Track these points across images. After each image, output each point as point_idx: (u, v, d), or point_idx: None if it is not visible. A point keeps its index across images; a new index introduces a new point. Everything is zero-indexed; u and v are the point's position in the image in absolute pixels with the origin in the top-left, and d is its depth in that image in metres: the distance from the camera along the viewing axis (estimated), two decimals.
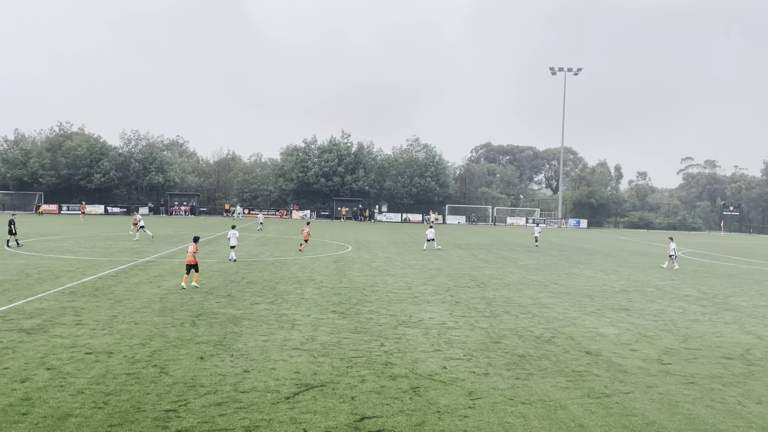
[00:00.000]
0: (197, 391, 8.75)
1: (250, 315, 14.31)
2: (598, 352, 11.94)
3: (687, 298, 19.58)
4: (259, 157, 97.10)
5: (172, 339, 11.74)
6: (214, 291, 17.62)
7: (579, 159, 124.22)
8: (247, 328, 12.95)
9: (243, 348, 11.24)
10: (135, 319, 13.39)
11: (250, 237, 40.86)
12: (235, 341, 11.74)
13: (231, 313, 14.42)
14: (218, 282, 19.41)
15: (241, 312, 14.64)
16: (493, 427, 7.80)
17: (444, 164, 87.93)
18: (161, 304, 15.34)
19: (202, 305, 15.33)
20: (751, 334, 14.25)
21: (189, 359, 10.37)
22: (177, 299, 16.04)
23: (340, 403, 8.46)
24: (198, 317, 13.86)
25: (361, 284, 20.05)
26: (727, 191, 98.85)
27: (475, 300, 17.73)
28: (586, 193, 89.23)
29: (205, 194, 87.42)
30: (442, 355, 11.25)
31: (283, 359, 10.57)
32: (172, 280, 19.37)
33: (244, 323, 13.39)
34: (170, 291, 17.31)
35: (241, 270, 22.65)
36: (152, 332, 12.24)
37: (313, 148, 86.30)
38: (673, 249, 29.47)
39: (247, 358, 10.59)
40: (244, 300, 16.30)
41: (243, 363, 10.26)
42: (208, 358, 10.46)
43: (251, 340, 11.84)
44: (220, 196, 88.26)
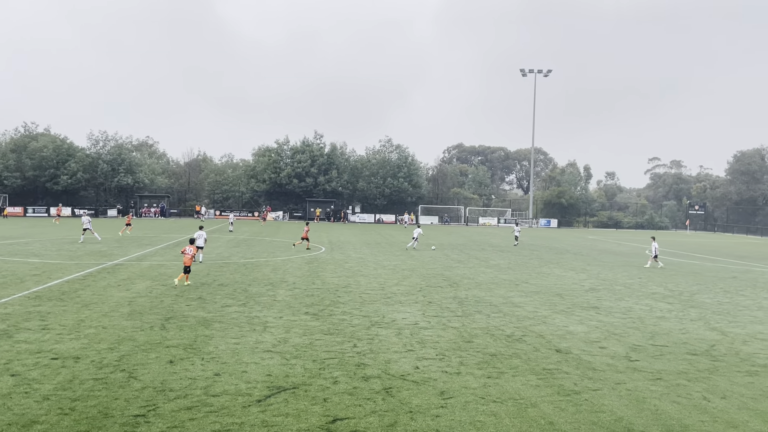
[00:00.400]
0: (167, 396, 8.64)
1: (221, 318, 14.18)
2: (567, 350, 12.11)
3: (654, 296, 19.97)
4: (231, 158, 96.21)
5: (141, 343, 11.56)
6: (184, 294, 17.41)
7: (549, 159, 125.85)
8: (218, 331, 12.82)
9: (214, 351, 11.13)
10: (103, 324, 13.16)
11: (221, 239, 40.48)
12: (206, 344, 11.62)
13: (201, 316, 14.26)
14: (189, 285, 19.16)
15: (212, 315, 14.49)
16: (465, 426, 7.86)
17: (416, 165, 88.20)
18: (130, 307, 15.10)
19: (172, 308, 15.12)
20: (715, 331, 14.59)
21: (158, 363, 10.23)
22: (146, 303, 15.81)
23: (313, 405, 8.43)
24: (168, 320, 13.67)
25: (334, 285, 20.01)
26: (693, 191, 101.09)
27: (448, 300, 17.83)
28: (556, 193, 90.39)
29: (175, 196, 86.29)
30: (415, 355, 11.29)
31: (254, 362, 10.49)
32: (141, 284, 19.08)
33: (215, 326, 13.25)
34: (139, 294, 17.05)
35: (212, 272, 22.42)
36: (120, 336, 12.04)
37: (286, 148, 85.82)
38: (655, 248, 30.14)
39: (218, 361, 10.49)
40: (215, 302, 16.14)
41: (214, 366, 10.15)
42: (178, 362, 10.33)
43: (222, 343, 11.72)
44: (191, 197, 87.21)
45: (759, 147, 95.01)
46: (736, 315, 16.86)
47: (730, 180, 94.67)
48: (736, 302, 19.20)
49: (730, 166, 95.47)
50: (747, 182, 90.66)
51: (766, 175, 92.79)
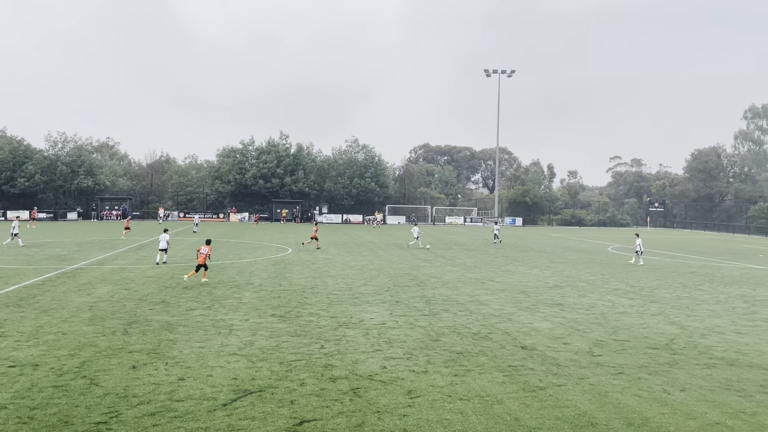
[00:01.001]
0: (130, 402, 8.47)
1: (186, 321, 13.96)
2: (532, 347, 12.28)
3: (616, 292, 20.40)
4: (195, 159, 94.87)
5: (103, 349, 11.31)
6: (147, 297, 17.09)
7: (514, 159, 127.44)
8: (183, 334, 12.63)
9: (178, 355, 10.96)
10: (63, 329, 12.83)
11: (185, 241, 39.86)
12: (170, 349, 11.43)
13: (165, 320, 14.02)
14: (152, 288, 18.84)
15: (176, 318, 14.26)
16: (432, 424, 7.90)
17: (383, 165, 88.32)
18: (91, 312, 14.76)
19: (134, 312, 14.84)
20: (675, 325, 14.97)
21: (121, 369, 10.02)
22: (108, 307, 15.47)
23: (279, 408, 8.37)
24: (130, 325, 13.41)
25: (301, 286, 19.90)
26: (653, 188, 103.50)
27: (415, 299, 17.90)
28: (520, 192, 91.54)
29: (137, 198, 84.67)
30: (382, 355, 11.30)
31: (220, 365, 10.36)
32: (102, 288, 18.67)
33: (179, 330, 13.05)
34: (100, 299, 16.68)
35: (176, 275, 22.06)
36: (81, 342, 11.76)
37: (251, 149, 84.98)
38: (638, 245, 30.85)
39: (183, 365, 10.33)
40: (179, 306, 15.88)
41: (178, 371, 9.99)
42: (141, 367, 10.14)
43: (187, 347, 11.55)
44: (153, 199, 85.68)
45: (715, 145, 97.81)
46: (695, 309, 17.34)
47: (688, 178, 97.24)
48: (694, 297, 19.74)
49: (687, 164, 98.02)
50: (704, 180, 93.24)
51: (722, 172, 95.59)
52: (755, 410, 8.73)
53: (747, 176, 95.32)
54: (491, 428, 7.81)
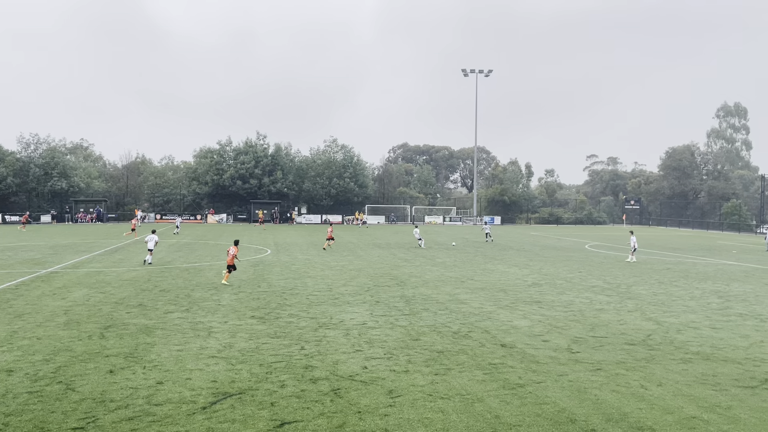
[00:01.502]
0: (107, 407, 8.35)
1: (164, 324, 13.81)
2: (512, 345, 12.36)
3: (593, 289, 20.63)
4: (171, 160, 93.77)
5: (79, 353, 11.14)
6: (124, 301, 16.87)
7: (492, 158, 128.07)
8: (161, 338, 12.48)
9: (156, 359, 10.83)
10: (37, 334, 12.60)
11: (162, 243, 39.38)
12: (148, 352, 11.29)
13: (143, 324, 13.85)
14: (129, 291, 18.59)
15: (154, 322, 14.09)
16: (413, 423, 7.91)
17: (362, 165, 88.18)
18: (66, 317, 14.52)
19: (111, 316, 14.63)
20: (651, 321, 15.19)
21: (97, 373, 9.88)
22: (83, 311, 15.23)
23: (260, 410, 8.31)
24: (107, 329, 13.22)
25: (280, 288, 19.80)
26: (628, 186, 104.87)
27: (395, 299, 17.91)
28: (499, 190, 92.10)
29: (113, 200, 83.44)
30: (363, 355, 11.29)
31: (199, 368, 10.26)
32: (77, 292, 18.37)
33: (157, 333, 12.90)
34: (76, 303, 16.42)
35: (154, 278, 21.81)
36: (57, 347, 11.56)
37: (228, 150, 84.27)
38: (633, 242, 31.38)
39: (161, 369, 10.21)
40: (157, 309, 15.70)
41: (156, 374, 9.88)
42: (118, 372, 10.00)
43: (165, 351, 11.42)
44: (129, 201, 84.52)
45: (689, 143, 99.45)
46: (670, 305, 17.60)
47: (663, 176, 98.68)
48: (669, 293, 20.05)
49: (662, 162, 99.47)
50: (678, 177, 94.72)
51: (695, 170, 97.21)
52: (730, 404, 8.89)
53: (720, 174, 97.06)
54: (472, 426, 7.85)
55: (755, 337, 13.43)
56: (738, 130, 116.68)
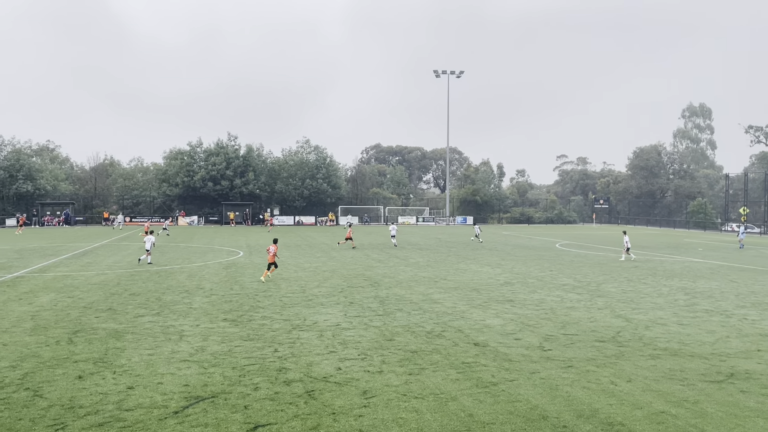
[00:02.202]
0: (76, 413, 8.20)
1: (134, 328, 13.59)
2: (485, 343, 12.47)
3: (564, 287, 20.92)
4: (141, 161, 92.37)
5: (47, 359, 10.90)
6: (93, 305, 16.56)
7: (464, 159, 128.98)
8: (131, 342, 12.29)
9: (126, 364, 10.66)
10: (3, 340, 12.30)
11: (131, 246, 38.77)
12: (118, 357, 11.11)
13: (112, 328, 13.62)
14: (98, 295, 18.26)
15: (124, 326, 13.87)
16: (388, 423, 7.93)
17: (335, 166, 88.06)
18: (33, 322, 14.19)
19: (79, 321, 14.35)
20: (620, 318, 15.46)
21: (66, 379, 9.68)
22: (51, 316, 14.91)
23: (233, 414, 8.24)
24: (75, 334, 12.97)
25: (253, 290, 19.65)
26: (598, 186, 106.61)
27: (369, 299, 17.92)
28: (471, 191, 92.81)
29: (81, 202, 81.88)
30: (337, 357, 11.27)
31: (170, 372, 10.13)
32: (45, 296, 17.98)
33: (127, 337, 12.69)
34: (43, 308, 16.06)
35: (123, 281, 21.45)
36: (23, 353, 11.30)
37: (199, 151, 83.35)
38: (626, 242, 31.92)
39: (131, 373, 10.05)
40: (127, 313, 15.45)
41: (127, 379, 9.72)
42: (87, 377, 9.82)
43: (135, 355, 11.25)
44: (98, 203, 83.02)
45: (656, 143, 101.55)
46: (639, 302, 17.94)
47: (631, 175, 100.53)
48: (638, 290, 20.43)
49: (630, 161, 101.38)
50: (646, 177, 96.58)
51: (662, 170, 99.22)
52: (697, 398, 9.10)
53: (686, 173, 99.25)
54: (446, 425, 7.89)
55: (721, 333, 13.77)
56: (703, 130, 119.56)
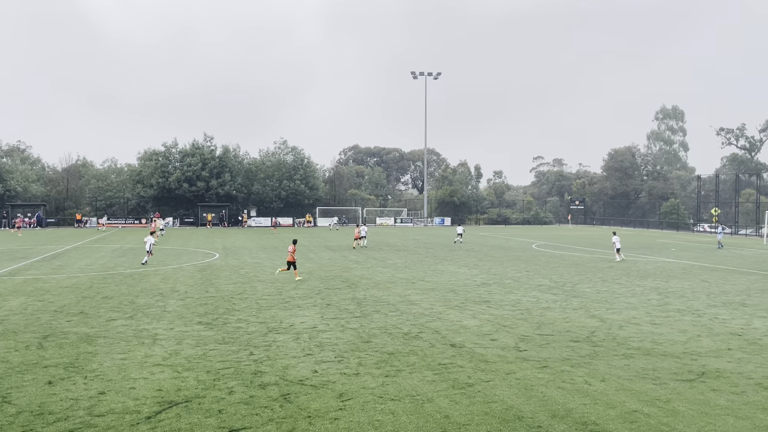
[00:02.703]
0: (46, 419, 8.03)
1: (106, 332, 13.37)
2: (461, 344, 12.51)
3: (540, 288, 21.09)
4: (114, 162, 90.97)
5: (15, 364, 10.67)
6: (64, 309, 16.25)
7: (442, 160, 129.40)
8: (103, 346, 12.09)
9: (98, 368, 10.47)
10: None
11: (104, 248, 38.19)
12: (89, 362, 10.91)
13: (84, 332, 13.38)
14: (69, 299, 17.94)
15: (96, 330, 13.63)
16: (364, 426, 7.90)
17: (313, 167, 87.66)
18: (2, 326, 13.88)
19: (50, 325, 14.08)
20: (595, 318, 15.63)
21: (35, 385, 9.48)
22: (20, 320, 14.60)
23: (207, 418, 8.14)
24: (45, 338, 12.71)
25: (228, 292, 19.46)
26: (573, 187, 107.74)
27: (346, 301, 17.87)
28: (448, 192, 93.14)
29: (52, 204, 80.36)
30: (313, 359, 11.21)
31: (143, 377, 9.98)
32: (14, 300, 17.60)
33: (99, 342, 12.48)
34: (12, 312, 15.72)
35: (96, 284, 21.10)
36: None
37: (174, 152, 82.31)
38: (615, 242, 32.34)
39: (103, 378, 9.88)
40: (99, 317, 15.20)
41: (98, 384, 9.55)
42: (57, 382, 9.63)
43: (107, 360, 11.06)
44: (70, 205, 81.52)
45: (630, 145, 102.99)
46: (613, 302, 18.16)
47: (606, 176, 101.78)
48: (612, 290, 20.68)
49: (605, 163, 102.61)
50: (620, 178, 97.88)
51: (636, 171, 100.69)
52: (669, 397, 9.23)
53: (659, 174, 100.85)
54: (422, 427, 7.89)
55: (692, 332, 13.99)
56: (676, 132, 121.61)
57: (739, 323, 15.11)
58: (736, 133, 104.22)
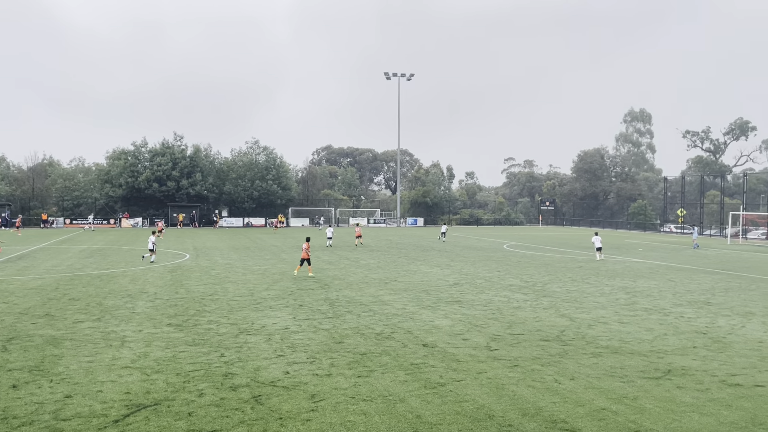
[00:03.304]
0: (10, 424, 7.83)
1: (73, 335, 13.11)
2: (434, 344, 12.56)
3: (511, 288, 21.30)
4: (82, 161, 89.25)
5: None
6: (29, 311, 15.88)
7: (415, 161, 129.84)
8: (69, 349, 11.85)
9: (64, 371, 10.26)
10: None
11: (72, 249, 37.42)
12: (55, 365, 10.68)
13: (50, 334, 13.09)
14: (34, 300, 17.53)
15: (62, 332, 13.35)
16: (336, 427, 7.89)
17: (285, 167, 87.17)
18: None
19: (14, 327, 13.74)
20: (564, 317, 15.84)
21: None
22: None
23: (176, 421, 8.04)
24: (9, 341, 12.41)
25: (199, 294, 19.24)
26: (544, 188, 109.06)
27: (319, 302, 17.81)
28: (421, 192, 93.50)
29: (17, 204, 78.46)
30: (285, 360, 11.15)
31: (111, 380, 9.81)
32: None
33: (65, 344, 12.23)
34: None
35: (62, 286, 20.67)
36: None
37: (144, 151, 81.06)
38: (595, 241, 33.28)
39: (70, 382, 9.68)
40: (66, 319, 14.89)
41: (64, 388, 9.36)
42: (22, 386, 9.41)
43: (74, 362, 10.84)
44: (35, 205, 79.72)
45: (599, 147, 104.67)
46: (582, 302, 18.43)
47: (576, 177, 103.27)
48: (582, 290, 20.99)
49: (575, 164, 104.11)
50: (589, 179, 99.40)
51: (605, 172, 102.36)
52: (637, 395, 9.40)
53: (627, 176, 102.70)
54: (394, 427, 7.91)
55: (659, 331, 14.28)
56: (643, 134, 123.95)
57: (704, 322, 15.48)
58: (701, 136, 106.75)
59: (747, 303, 18.63)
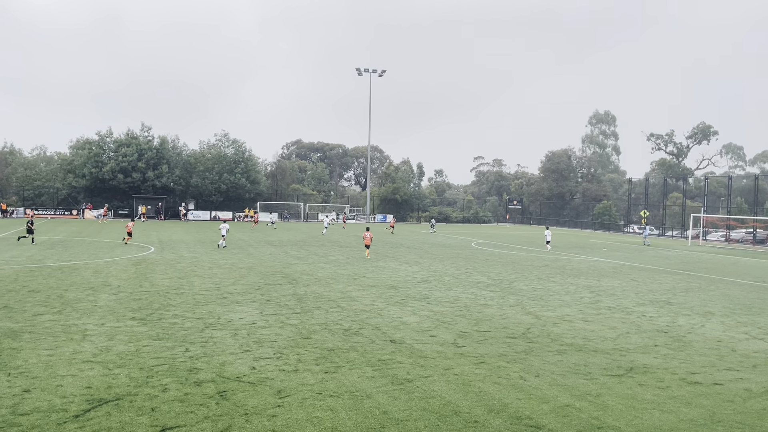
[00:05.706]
0: None
1: (32, 328, 12.76)
2: (401, 340, 12.59)
3: (478, 285, 21.48)
4: (44, 150, 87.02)
5: None
6: None
7: (385, 157, 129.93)
8: (28, 342, 11.53)
9: (23, 365, 9.98)
10: None
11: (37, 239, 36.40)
12: (13, 358, 10.38)
13: (8, 327, 12.72)
14: None
15: (21, 325, 12.99)
16: (302, 423, 7.84)
17: (254, 160, 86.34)
18: None
19: None
20: (530, 315, 16.04)
21: None
22: None
23: (139, 416, 7.89)
24: None
25: (164, 287, 18.92)
26: (512, 187, 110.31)
27: (286, 297, 17.69)
28: (391, 189, 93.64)
29: None
30: (251, 356, 11.04)
31: (71, 374, 9.57)
32: None
33: (24, 337, 11.89)
34: None
35: (22, 277, 20.11)
36: None
37: (109, 141, 79.36)
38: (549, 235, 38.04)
39: (28, 376, 9.42)
40: (25, 311, 14.49)
41: (23, 382, 9.10)
42: None
43: (33, 356, 10.55)
44: None
45: (566, 148, 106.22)
46: (548, 300, 18.69)
47: (543, 177, 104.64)
48: (547, 288, 21.28)
49: (542, 165, 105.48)
50: (556, 179, 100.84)
51: (572, 173, 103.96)
52: (600, 392, 9.57)
53: (593, 177, 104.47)
54: (360, 423, 7.90)
55: (622, 329, 14.56)
56: (608, 136, 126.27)
57: (665, 321, 15.84)
58: (665, 139, 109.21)
59: (706, 303, 19.14)
